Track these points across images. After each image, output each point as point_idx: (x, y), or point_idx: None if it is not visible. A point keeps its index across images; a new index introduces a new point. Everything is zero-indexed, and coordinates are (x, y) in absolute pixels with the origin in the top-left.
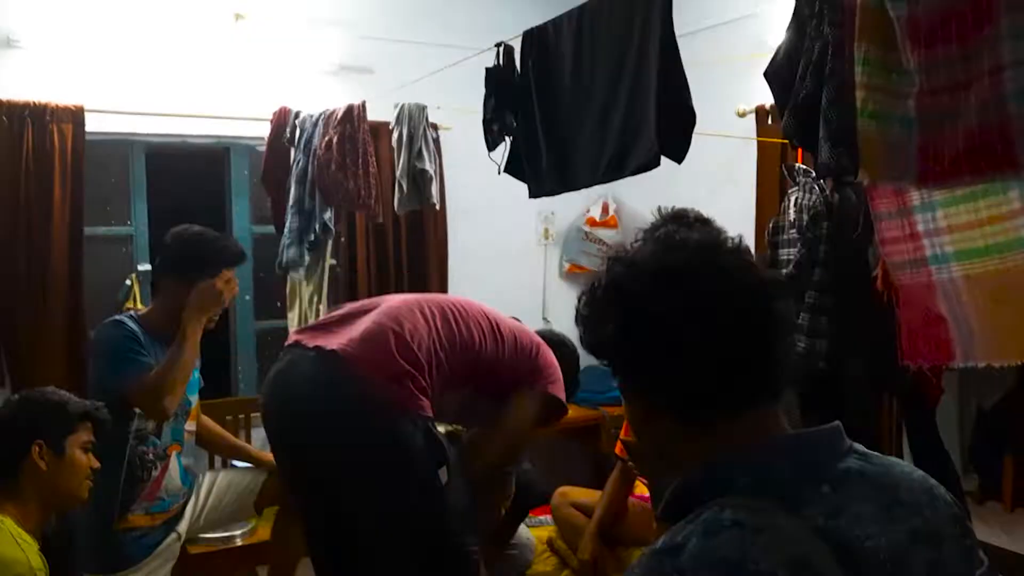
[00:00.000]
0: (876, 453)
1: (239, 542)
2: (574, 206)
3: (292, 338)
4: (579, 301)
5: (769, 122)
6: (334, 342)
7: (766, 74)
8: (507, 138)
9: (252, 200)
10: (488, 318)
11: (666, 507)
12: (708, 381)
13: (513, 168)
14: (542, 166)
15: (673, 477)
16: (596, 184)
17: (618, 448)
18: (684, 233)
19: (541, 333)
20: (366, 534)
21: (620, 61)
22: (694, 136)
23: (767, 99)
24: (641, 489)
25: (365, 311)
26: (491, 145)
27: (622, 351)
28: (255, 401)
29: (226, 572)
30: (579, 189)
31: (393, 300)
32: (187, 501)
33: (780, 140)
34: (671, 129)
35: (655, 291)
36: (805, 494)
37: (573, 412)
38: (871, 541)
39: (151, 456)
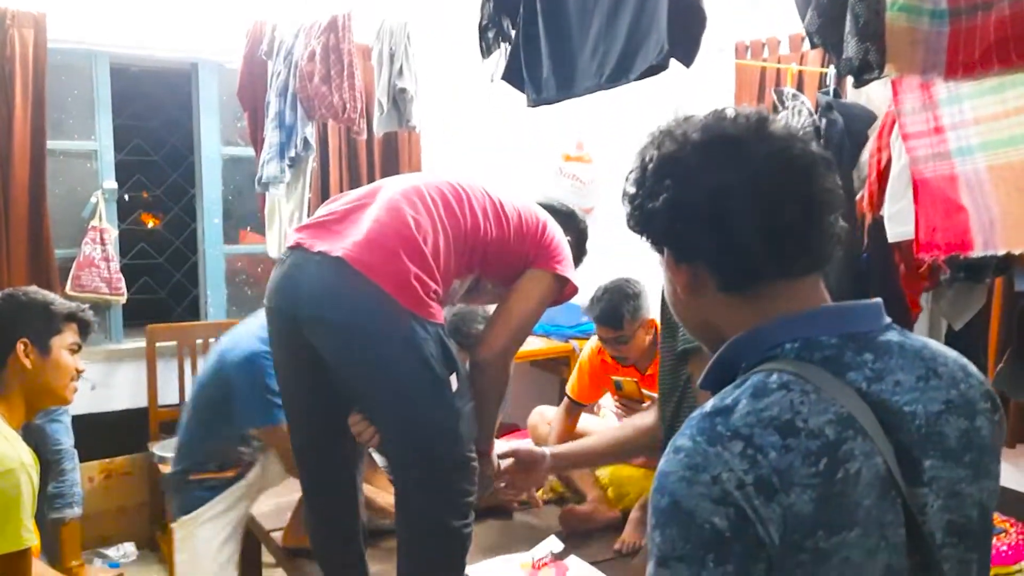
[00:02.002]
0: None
1: None
2: (547, 141)
3: (293, 240)
4: (626, 180)
5: (748, 57)
6: (338, 246)
7: None
8: (502, 45)
9: (222, 121)
10: (491, 198)
11: (708, 375)
12: (757, 249)
13: (510, 76)
14: (542, 72)
15: (711, 346)
16: (600, 90)
17: (572, 388)
18: (732, 109)
19: (546, 204)
20: (383, 432)
21: None
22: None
23: (743, 36)
24: None
25: (365, 204)
26: (485, 52)
27: (673, 223)
28: (225, 326)
29: None
30: (581, 95)
31: (394, 189)
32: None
33: (766, 65)
34: (681, 31)
35: (708, 161)
36: (848, 360)
37: (544, 345)
38: (909, 407)
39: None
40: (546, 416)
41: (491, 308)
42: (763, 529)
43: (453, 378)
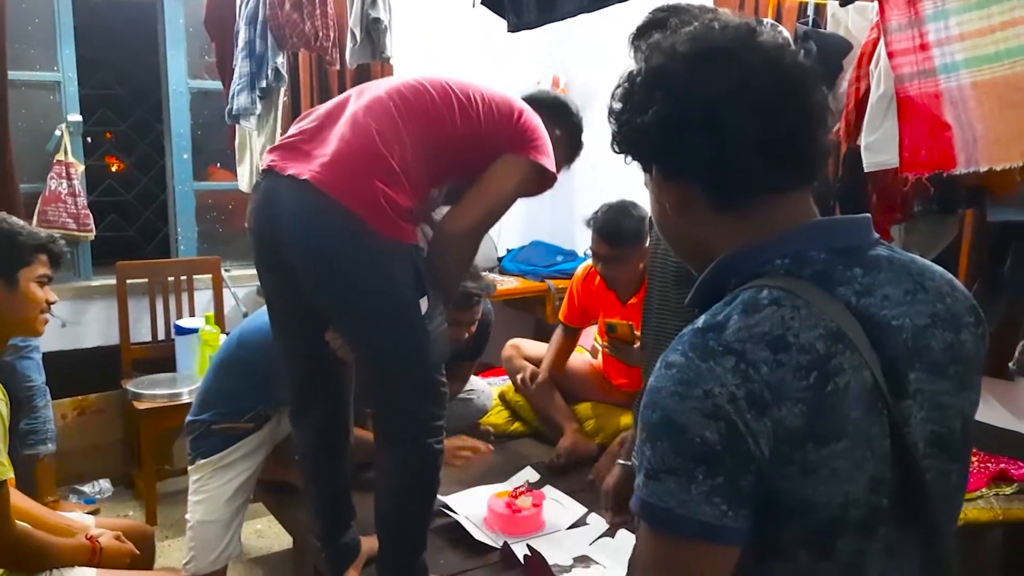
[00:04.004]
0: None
1: (185, 399)
2: (523, 78)
3: (266, 162)
4: (612, 97)
5: None
6: (306, 168)
7: None
8: None
9: (189, 54)
10: (455, 91)
11: (697, 293)
12: (748, 162)
13: (490, 1)
14: None
15: (697, 267)
16: (582, 12)
17: (563, 314)
18: (722, 19)
19: (532, 96)
20: (353, 347)
21: None
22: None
23: None
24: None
25: (334, 119)
26: None
27: (663, 137)
28: (196, 263)
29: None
30: (563, 19)
31: (360, 102)
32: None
33: None
34: None
35: (697, 72)
36: (838, 275)
37: (520, 284)
38: (896, 320)
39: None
40: (521, 348)
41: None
42: (754, 442)
43: (423, 301)
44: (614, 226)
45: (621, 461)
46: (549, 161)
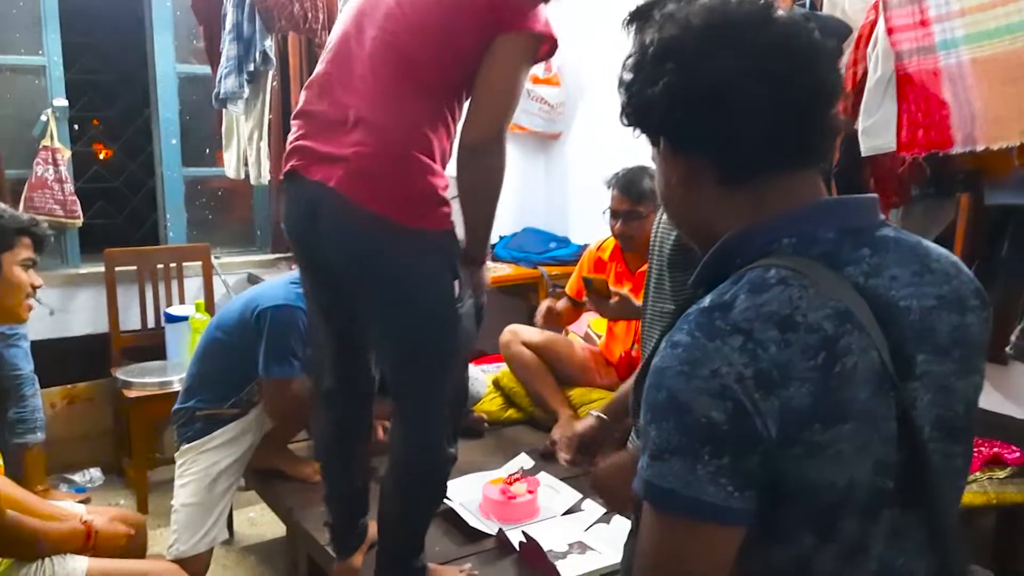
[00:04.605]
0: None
1: (176, 387)
2: None
3: (287, 162)
4: (623, 67)
5: None
6: (333, 173)
7: None
8: None
9: (177, 37)
10: (406, 9)
11: (701, 272)
12: (758, 139)
13: None
14: None
15: (702, 245)
16: None
17: (571, 289)
18: None
19: None
20: (385, 352)
21: None
22: None
23: None
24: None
25: (345, 108)
26: None
27: (672, 109)
28: (186, 250)
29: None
30: None
31: (357, 87)
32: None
33: None
34: None
35: (711, 45)
36: (846, 255)
37: (513, 271)
38: (904, 301)
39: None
40: (520, 334)
41: None
42: (761, 422)
43: (456, 284)
44: (634, 182)
45: (595, 412)
46: (545, 23)
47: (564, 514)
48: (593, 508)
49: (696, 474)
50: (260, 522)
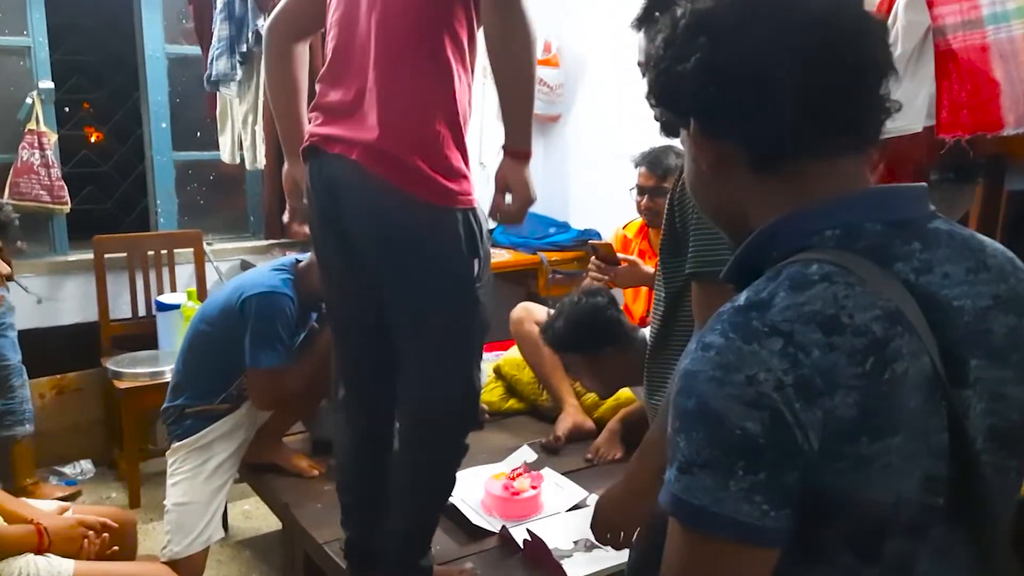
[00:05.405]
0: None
1: (167, 377)
2: None
3: (310, 135)
4: (650, 41)
5: None
6: (353, 148)
7: None
8: None
9: (166, 17)
10: None
11: (734, 266)
12: (797, 121)
13: None
14: None
15: (734, 237)
16: None
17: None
18: None
19: None
20: (401, 328)
21: None
22: None
23: None
24: None
25: (360, 76)
26: None
27: (704, 87)
28: (177, 236)
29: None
30: None
31: (360, 52)
32: None
33: None
34: None
35: (747, 19)
36: (895, 249)
37: (512, 256)
38: (957, 301)
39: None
40: (533, 312)
41: None
42: (802, 435)
43: (475, 263)
44: (660, 159)
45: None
46: None
47: (568, 510)
48: None
49: (728, 490)
50: (255, 515)
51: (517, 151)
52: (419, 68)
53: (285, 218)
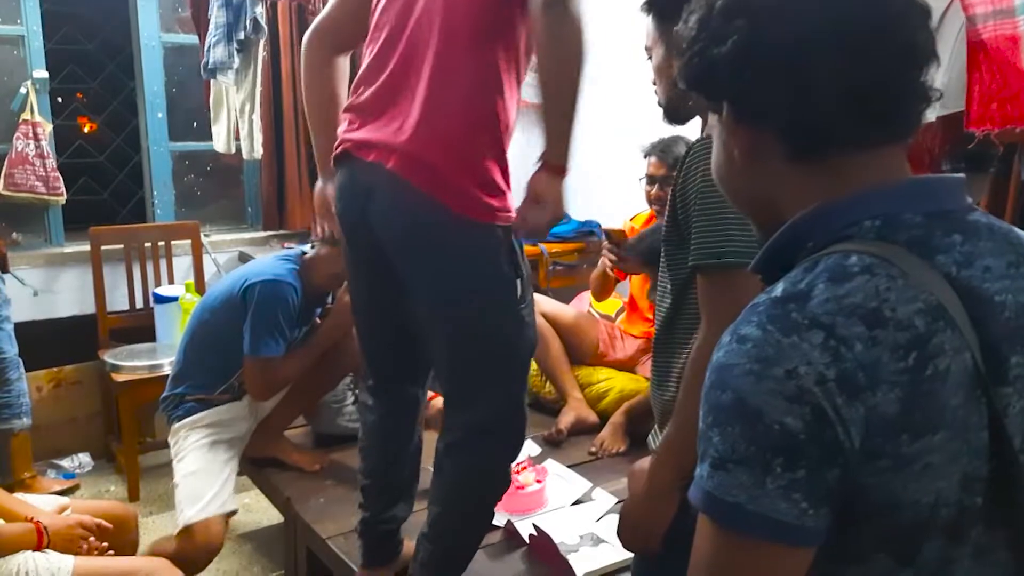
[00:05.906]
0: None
1: (166, 370)
2: None
3: (342, 141)
4: (685, 23)
5: None
6: (389, 156)
7: None
8: None
9: (162, 5)
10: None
11: (765, 256)
12: (834, 109)
13: None
14: None
15: (764, 229)
16: None
17: None
18: None
19: None
20: (442, 355)
21: None
22: None
23: None
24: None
25: (403, 78)
26: None
27: (740, 71)
28: (174, 228)
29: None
30: None
31: (401, 57)
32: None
33: None
34: None
35: (786, 4)
36: (936, 241)
37: None
38: (999, 296)
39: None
40: (539, 304)
41: None
42: (843, 431)
43: (518, 284)
44: (670, 148)
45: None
46: None
47: (573, 504)
48: (604, 498)
49: (765, 488)
50: (255, 508)
51: (556, 166)
52: (472, 78)
53: (313, 237)
